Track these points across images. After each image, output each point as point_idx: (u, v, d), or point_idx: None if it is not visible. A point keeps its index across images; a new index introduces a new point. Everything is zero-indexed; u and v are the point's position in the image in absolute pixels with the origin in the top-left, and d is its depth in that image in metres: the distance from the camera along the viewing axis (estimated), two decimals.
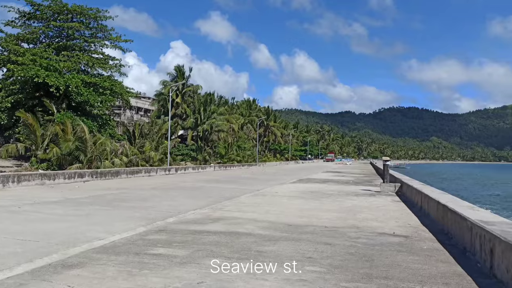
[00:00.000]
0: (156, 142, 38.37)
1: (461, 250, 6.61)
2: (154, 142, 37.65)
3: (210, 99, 58.09)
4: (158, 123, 43.62)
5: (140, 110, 65.38)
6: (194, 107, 54.33)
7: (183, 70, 54.45)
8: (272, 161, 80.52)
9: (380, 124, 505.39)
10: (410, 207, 12.52)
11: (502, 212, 28.41)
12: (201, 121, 53.68)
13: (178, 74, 53.80)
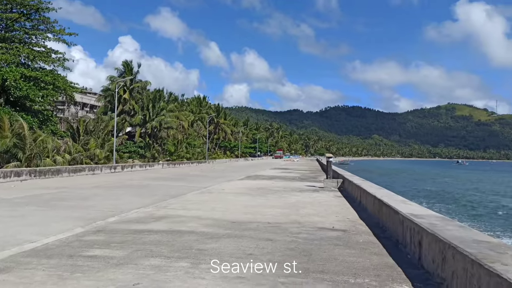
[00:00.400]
0: (102, 139, 36.94)
1: (394, 242, 6.85)
2: (99, 139, 36.21)
3: (159, 96, 56.78)
4: (104, 119, 41.97)
5: (85, 106, 62.68)
6: (143, 103, 52.85)
7: (131, 65, 52.73)
8: (222, 158, 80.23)
9: (326, 122, 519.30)
10: (350, 202, 12.88)
11: (433, 205, 30.09)
12: (149, 118, 52.34)
13: (126, 70, 52.03)
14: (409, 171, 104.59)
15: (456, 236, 4.55)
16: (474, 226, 21.31)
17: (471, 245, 4.10)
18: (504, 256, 3.65)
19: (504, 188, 52.48)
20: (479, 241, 4.33)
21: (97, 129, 37.52)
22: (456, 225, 5.33)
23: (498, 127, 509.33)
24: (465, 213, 26.73)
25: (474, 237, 4.53)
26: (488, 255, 3.70)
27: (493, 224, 22.85)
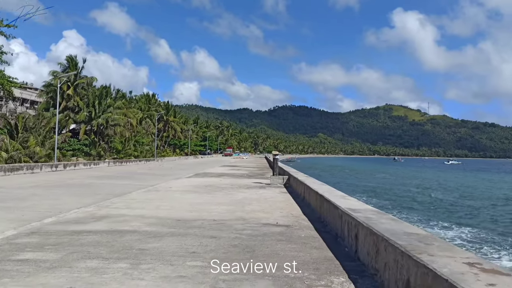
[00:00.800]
0: (43, 136, 34.87)
1: (334, 236, 6.98)
2: (40, 136, 34.15)
3: (106, 92, 54.62)
4: (46, 116, 39.70)
5: (25, 102, 58.85)
6: (88, 100, 50.54)
7: (76, 60, 50.17)
8: (171, 156, 78.72)
9: (275, 121, 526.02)
10: (294, 197, 13.04)
11: (371, 200, 31.34)
12: (95, 115, 50.17)
13: (70, 65, 49.42)
14: (350, 167, 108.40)
15: (389, 229, 4.67)
16: (406, 218, 22.44)
17: (401, 237, 4.22)
18: (431, 247, 3.79)
19: (432, 182, 55.83)
20: (409, 233, 4.48)
21: (37, 126, 35.36)
22: (389, 218, 5.50)
23: (430, 126, 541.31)
24: (399, 206, 28.05)
25: (405, 230, 4.68)
26: (417, 246, 3.82)
27: (422, 215, 24.13)
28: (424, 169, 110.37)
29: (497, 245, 16.38)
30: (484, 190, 43.73)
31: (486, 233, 19.05)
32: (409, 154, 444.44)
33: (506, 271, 2.97)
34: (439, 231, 18.97)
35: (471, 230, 19.67)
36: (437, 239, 4.23)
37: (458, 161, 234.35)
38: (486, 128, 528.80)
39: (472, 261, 3.27)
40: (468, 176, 77.72)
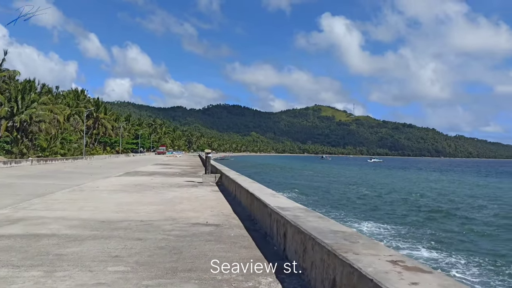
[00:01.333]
0: None
1: (263, 235, 6.87)
2: None
3: (30, 87, 50.37)
4: None
5: None
6: (10, 94, 46.32)
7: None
8: (101, 154, 74.83)
9: (209, 119, 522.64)
10: (226, 196, 12.83)
11: (300, 196, 32.15)
12: (18, 111, 46.08)
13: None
14: (281, 165, 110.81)
15: (316, 227, 4.62)
16: (333, 215, 23.25)
17: (328, 236, 4.16)
18: (356, 245, 3.76)
19: (356, 179, 58.80)
20: (335, 231, 4.45)
21: None
22: (317, 216, 5.47)
23: (355, 126, 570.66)
24: (326, 203, 29.04)
25: (331, 227, 4.65)
26: (342, 245, 3.77)
27: (348, 211, 25.19)
28: (349, 167, 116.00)
29: (418, 239, 17.48)
30: (403, 187, 46.83)
31: (407, 227, 20.28)
32: (336, 153, 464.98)
33: (428, 269, 2.98)
34: (363, 228, 19.84)
35: (394, 226, 20.83)
36: (362, 236, 4.23)
37: (379, 159, 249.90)
38: (405, 128, 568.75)
39: (395, 258, 3.26)
40: (390, 173, 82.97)
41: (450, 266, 13.35)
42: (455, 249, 15.49)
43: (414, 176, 71.55)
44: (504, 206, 29.80)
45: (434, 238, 17.67)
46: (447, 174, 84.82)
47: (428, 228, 20.01)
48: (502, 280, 12.03)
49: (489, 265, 13.59)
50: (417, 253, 14.58)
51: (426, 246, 15.81)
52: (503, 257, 14.71)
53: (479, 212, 26.56)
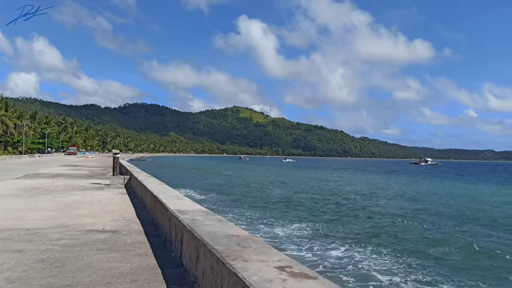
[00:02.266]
0: None
1: (163, 240, 6.40)
2: None
3: None
4: None
5: None
6: None
7: None
8: (1, 155, 67.22)
9: (125, 118, 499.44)
10: (133, 199, 12.02)
11: (213, 196, 31.87)
12: None
13: None
14: (200, 165, 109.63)
15: (211, 232, 4.31)
16: (247, 215, 23.32)
17: (221, 241, 3.88)
18: (247, 250, 3.51)
19: (271, 179, 60.29)
20: (231, 235, 4.18)
21: None
22: (216, 220, 5.17)
23: (271, 128, 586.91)
24: (238, 203, 29.12)
25: (228, 231, 4.38)
26: (233, 251, 3.50)
27: (260, 211, 25.47)
28: (266, 167, 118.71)
29: (326, 237, 18.11)
30: (314, 186, 48.87)
31: (317, 225, 20.98)
32: (254, 153, 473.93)
33: (314, 274, 2.82)
34: (276, 231, 20.09)
35: (304, 224, 21.42)
36: (257, 240, 4.02)
37: (293, 159, 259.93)
38: (316, 130, 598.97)
39: (283, 264, 3.07)
40: (301, 172, 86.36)
41: (359, 261, 13.98)
42: (367, 243, 16.33)
43: (320, 175, 75.49)
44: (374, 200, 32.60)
45: (335, 233, 18.51)
46: (347, 172, 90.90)
47: (319, 223, 20.94)
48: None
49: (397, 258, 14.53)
50: (327, 253, 15.08)
51: (340, 243, 16.46)
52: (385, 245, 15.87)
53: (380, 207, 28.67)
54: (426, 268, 13.07)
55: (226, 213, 22.71)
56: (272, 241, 15.75)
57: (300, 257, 13.45)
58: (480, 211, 27.15)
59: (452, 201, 32.91)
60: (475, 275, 12.60)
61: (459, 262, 14.13)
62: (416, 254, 14.87)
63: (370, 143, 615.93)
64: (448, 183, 60.17)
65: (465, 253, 15.47)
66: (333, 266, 12.90)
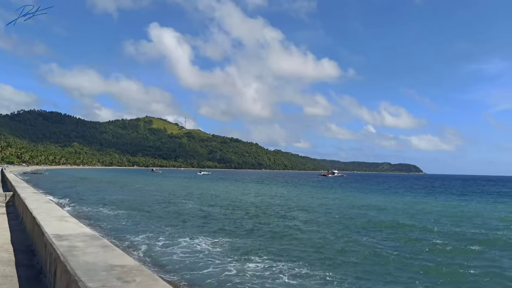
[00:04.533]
0: None
1: (38, 271, 5.41)
2: None
3: None
4: None
5: None
6: None
7: None
8: None
9: (20, 127, 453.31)
10: (13, 219, 10.45)
11: (117, 212, 29.86)
12: None
13: None
14: (107, 179, 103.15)
15: (89, 263, 3.60)
16: (149, 229, 22.05)
17: (98, 275, 3.21)
18: (126, 287, 2.91)
19: (181, 192, 58.84)
20: (113, 266, 3.52)
21: None
22: (100, 246, 4.43)
23: (186, 140, 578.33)
24: (146, 217, 27.63)
25: (111, 261, 3.70)
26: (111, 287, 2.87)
27: (171, 226, 24.35)
28: (180, 179, 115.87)
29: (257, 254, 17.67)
30: (234, 199, 48.58)
31: (236, 239, 20.48)
32: (167, 165, 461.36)
33: None
34: (183, 241, 19.21)
35: (219, 238, 20.80)
36: (143, 271, 3.41)
37: (208, 171, 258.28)
38: (232, 142, 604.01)
39: None
40: (216, 185, 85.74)
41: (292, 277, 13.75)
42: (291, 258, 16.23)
43: (234, 188, 75.91)
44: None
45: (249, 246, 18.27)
46: (263, 185, 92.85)
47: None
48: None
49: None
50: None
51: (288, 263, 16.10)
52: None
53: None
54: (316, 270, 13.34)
55: (129, 232, 21.24)
56: (179, 259, 14.92)
57: (213, 274, 12.86)
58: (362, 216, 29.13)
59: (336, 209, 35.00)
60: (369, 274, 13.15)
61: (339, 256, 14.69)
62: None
63: (283, 156, 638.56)
64: (344, 193, 64.43)
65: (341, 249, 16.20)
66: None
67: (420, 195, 65.78)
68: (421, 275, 13.95)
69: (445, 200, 53.15)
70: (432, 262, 15.77)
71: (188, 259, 15.17)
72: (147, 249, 16.67)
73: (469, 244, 19.73)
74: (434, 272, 14.32)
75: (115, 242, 16.22)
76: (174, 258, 15.20)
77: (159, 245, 17.63)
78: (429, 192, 76.38)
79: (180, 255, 15.72)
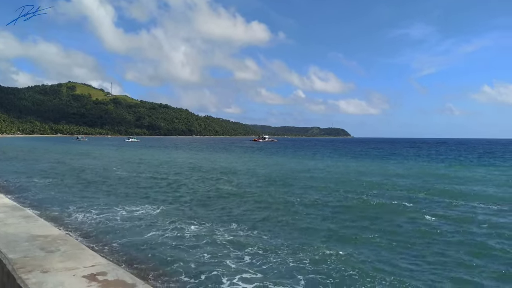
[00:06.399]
0: None
1: None
2: None
3: None
4: None
5: None
6: None
7: None
8: None
9: None
10: None
11: (50, 181, 27.99)
12: None
13: None
14: (26, 148, 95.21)
15: (10, 234, 3.36)
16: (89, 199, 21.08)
17: (20, 246, 3.02)
18: (52, 256, 2.78)
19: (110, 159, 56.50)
20: (36, 236, 3.33)
21: None
22: (22, 216, 4.15)
23: (112, 106, 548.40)
24: (77, 189, 26.28)
25: (33, 231, 3.50)
26: (33, 258, 2.73)
27: (103, 195, 23.41)
28: (107, 147, 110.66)
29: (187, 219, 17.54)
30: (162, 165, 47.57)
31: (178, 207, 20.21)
32: (93, 133, 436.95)
33: (133, 280, 2.32)
34: (119, 212, 18.64)
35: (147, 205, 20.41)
36: (68, 240, 3.28)
37: (137, 138, 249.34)
38: (161, 108, 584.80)
39: (97, 270, 2.48)
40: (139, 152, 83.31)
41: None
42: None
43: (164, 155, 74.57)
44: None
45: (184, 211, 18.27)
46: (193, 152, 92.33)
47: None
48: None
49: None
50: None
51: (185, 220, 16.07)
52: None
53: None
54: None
55: (57, 202, 20.07)
56: (105, 228, 14.51)
57: (147, 240, 12.70)
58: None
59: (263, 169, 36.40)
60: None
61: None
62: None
63: (214, 122, 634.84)
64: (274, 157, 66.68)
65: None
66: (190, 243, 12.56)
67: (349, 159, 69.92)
68: (350, 223, 15.05)
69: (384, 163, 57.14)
70: (364, 212, 17.08)
71: (121, 227, 14.81)
72: (75, 219, 15.95)
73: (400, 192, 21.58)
74: (363, 218, 15.50)
75: (39, 213, 15.27)
76: (104, 227, 14.75)
77: (88, 215, 16.94)
78: (365, 155, 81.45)
79: (110, 224, 15.27)
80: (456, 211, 18.44)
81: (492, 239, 13.35)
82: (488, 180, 31.93)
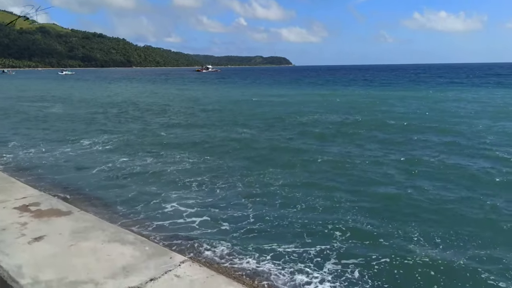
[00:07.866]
0: None
1: None
2: None
3: None
4: None
5: None
6: None
7: None
8: None
9: None
10: None
11: None
12: None
13: None
14: None
15: None
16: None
17: None
18: None
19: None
20: None
21: None
22: None
23: (40, 36, 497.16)
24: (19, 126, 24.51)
25: None
26: None
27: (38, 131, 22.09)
28: (40, 81, 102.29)
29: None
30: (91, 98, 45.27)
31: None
32: (21, 66, 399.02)
33: (68, 208, 2.34)
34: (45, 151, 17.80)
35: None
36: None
37: (71, 71, 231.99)
38: (95, 38, 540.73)
39: (29, 201, 2.49)
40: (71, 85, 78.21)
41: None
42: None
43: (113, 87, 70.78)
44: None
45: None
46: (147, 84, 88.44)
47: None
48: None
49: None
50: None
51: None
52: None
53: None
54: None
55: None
56: (40, 163, 13.96)
57: (90, 174, 12.43)
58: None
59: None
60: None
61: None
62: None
63: (154, 52, 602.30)
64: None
65: None
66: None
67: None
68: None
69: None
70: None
71: (62, 162, 14.29)
72: (8, 155, 15.11)
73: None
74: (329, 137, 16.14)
75: None
76: (39, 162, 14.16)
77: (25, 151, 16.07)
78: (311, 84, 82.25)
79: (51, 159, 14.67)
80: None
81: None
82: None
